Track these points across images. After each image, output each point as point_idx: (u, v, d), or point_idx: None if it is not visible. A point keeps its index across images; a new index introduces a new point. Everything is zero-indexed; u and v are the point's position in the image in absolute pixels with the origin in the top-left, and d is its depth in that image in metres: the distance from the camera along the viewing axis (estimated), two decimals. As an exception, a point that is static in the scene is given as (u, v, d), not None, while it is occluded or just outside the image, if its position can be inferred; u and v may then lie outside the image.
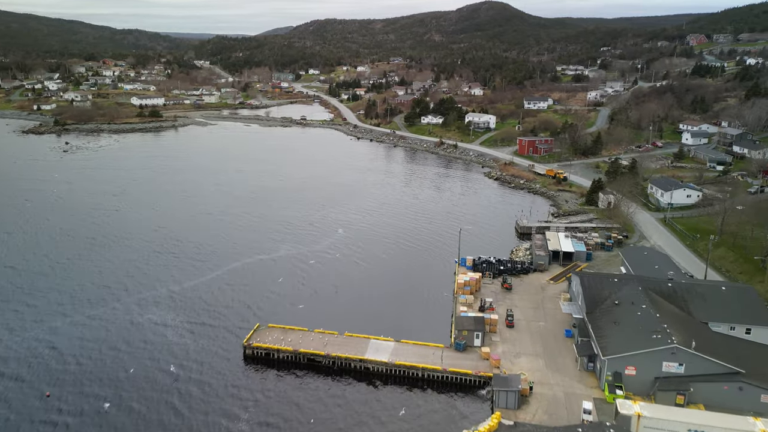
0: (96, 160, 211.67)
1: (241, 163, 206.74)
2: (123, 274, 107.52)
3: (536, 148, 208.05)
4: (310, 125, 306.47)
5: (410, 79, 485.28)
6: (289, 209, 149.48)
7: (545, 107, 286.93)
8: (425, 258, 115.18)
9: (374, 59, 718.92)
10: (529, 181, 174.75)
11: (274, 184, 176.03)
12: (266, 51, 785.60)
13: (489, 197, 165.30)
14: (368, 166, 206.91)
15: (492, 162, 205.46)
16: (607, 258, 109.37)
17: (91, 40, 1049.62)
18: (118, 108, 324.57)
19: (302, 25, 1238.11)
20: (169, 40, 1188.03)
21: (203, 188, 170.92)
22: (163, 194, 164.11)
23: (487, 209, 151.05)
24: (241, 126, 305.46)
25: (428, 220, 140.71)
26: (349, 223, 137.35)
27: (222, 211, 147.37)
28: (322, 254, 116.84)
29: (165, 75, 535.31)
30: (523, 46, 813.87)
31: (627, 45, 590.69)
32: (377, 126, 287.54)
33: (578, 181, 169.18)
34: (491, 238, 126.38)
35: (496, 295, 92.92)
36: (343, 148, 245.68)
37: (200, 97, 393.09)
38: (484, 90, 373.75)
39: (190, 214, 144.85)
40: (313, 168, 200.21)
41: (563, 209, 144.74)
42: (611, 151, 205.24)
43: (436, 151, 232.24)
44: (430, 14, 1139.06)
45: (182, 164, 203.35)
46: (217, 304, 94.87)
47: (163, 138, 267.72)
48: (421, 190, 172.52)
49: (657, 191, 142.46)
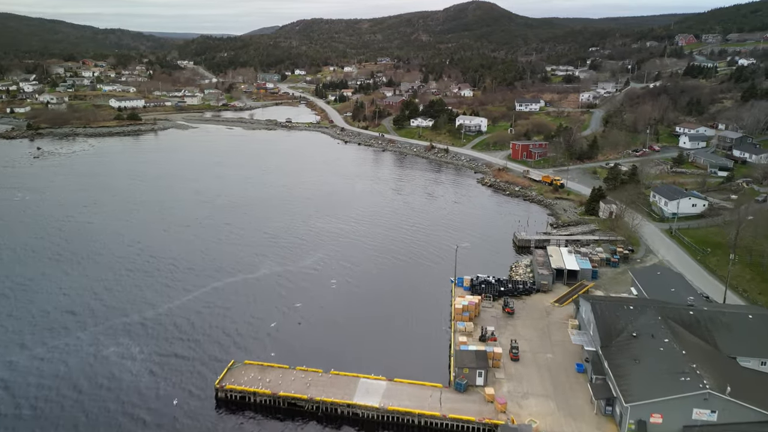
0: (68, 166, 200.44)
1: (223, 168, 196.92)
2: (91, 297, 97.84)
3: (530, 153, 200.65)
4: (296, 128, 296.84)
5: (398, 80, 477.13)
6: (274, 220, 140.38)
7: (537, 109, 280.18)
8: (419, 275, 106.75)
9: (361, 59, 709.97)
10: (525, 188, 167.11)
11: (257, 193, 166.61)
12: (251, 51, 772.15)
13: (483, 205, 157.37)
14: (357, 172, 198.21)
15: (485, 167, 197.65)
16: (613, 276, 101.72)
17: (72, 40, 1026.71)
18: (95, 110, 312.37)
19: (288, 24, 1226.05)
20: (153, 40, 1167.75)
21: (182, 197, 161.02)
22: (138, 204, 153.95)
23: (482, 219, 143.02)
24: (223, 129, 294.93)
25: (421, 230, 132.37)
26: (338, 235, 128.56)
27: (201, 223, 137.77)
28: (308, 272, 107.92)
29: (146, 76, 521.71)
30: (511, 46, 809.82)
31: (616, 45, 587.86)
32: (365, 129, 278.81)
33: (576, 188, 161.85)
34: (488, 252, 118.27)
35: (497, 321, 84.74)
36: (330, 152, 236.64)
37: (182, 98, 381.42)
38: (474, 91, 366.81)
39: (167, 227, 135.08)
40: (299, 174, 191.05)
41: (562, 219, 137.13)
42: (607, 155, 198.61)
43: (427, 155, 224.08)
44: (417, 14, 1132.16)
45: (160, 171, 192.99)
46: (192, 332, 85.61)
47: (141, 142, 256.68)
48: (413, 197, 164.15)
49: (660, 200, 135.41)
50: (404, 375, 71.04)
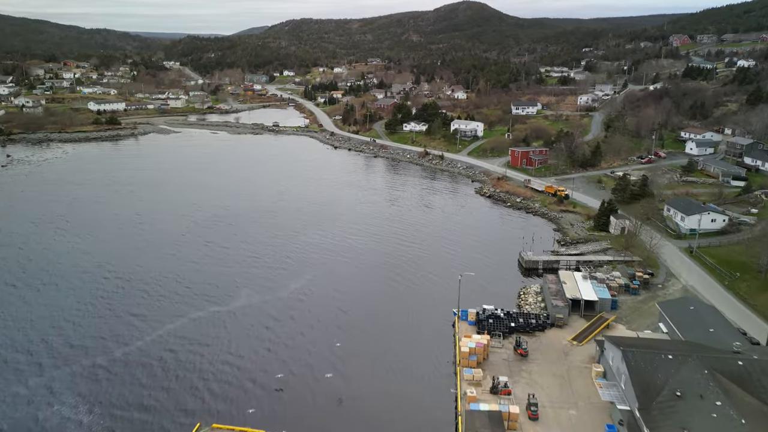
0: (38, 175, 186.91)
1: (205, 177, 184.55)
2: (39, 338, 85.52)
3: (530, 160, 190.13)
4: (284, 132, 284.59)
5: (389, 81, 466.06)
6: (258, 236, 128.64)
7: (534, 112, 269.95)
8: (417, 304, 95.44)
9: (351, 60, 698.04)
10: (527, 199, 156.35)
11: (241, 204, 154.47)
12: (239, 52, 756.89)
13: (483, 219, 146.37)
14: (348, 180, 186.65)
15: (482, 175, 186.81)
16: (635, 305, 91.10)
17: (56, 41, 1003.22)
18: (72, 114, 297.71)
19: (278, 24, 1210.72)
20: (140, 40, 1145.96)
21: (158, 210, 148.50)
22: (110, 219, 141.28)
23: (482, 235, 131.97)
24: (207, 134, 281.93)
25: (418, 248, 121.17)
26: (327, 252, 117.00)
27: (177, 241, 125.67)
28: (293, 303, 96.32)
29: (130, 77, 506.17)
30: (503, 46, 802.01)
31: (609, 46, 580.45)
32: (356, 133, 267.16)
33: (582, 199, 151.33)
34: (492, 275, 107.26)
35: (509, 366, 73.68)
36: (319, 158, 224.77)
37: (165, 101, 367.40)
38: (468, 93, 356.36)
39: (140, 246, 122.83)
40: (287, 182, 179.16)
41: (570, 236, 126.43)
42: (611, 162, 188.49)
43: (421, 162, 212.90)
44: (407, 14, 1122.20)
45: (137, 180, 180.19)
46: (154, 384, 73.68)
47: (119, 148, 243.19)
48: (408, 209, 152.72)
49: (676, 214, 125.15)
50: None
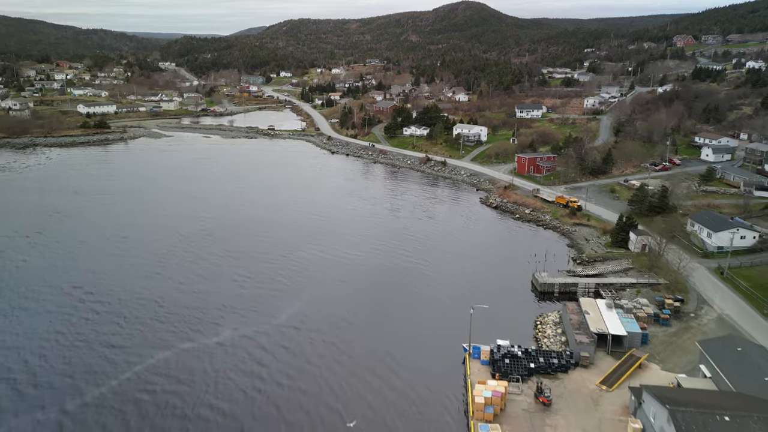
0: (18, 183, 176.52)
1: (194, 185, 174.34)
2: (3, 373, 75.56)
3: (538, 167, 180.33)
4: (279, 136, 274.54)
5: (388, 83, 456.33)
6: (250, 252, 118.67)
7: (539, 116, 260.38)
8: (423, 332, 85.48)
9: (350, 61, 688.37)
10: (536, 210, 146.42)
11: (232, 216, 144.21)
12: (236, 52, 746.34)
13: (491, 232, 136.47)
14: (346, 188, 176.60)
15: (488, 183, 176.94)
16: (667, 338, 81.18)
17: (52, 41, 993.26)
18: (60, 117, 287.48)
19: (275, 25, 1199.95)
20: (136, 41, 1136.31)
21: (143, 223, 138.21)
22: (90, 233, 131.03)
23: (490, 251, 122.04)
24: (200, 138, 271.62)
25: (421, 265, 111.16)
26: (324, 270, 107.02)
27: (161, 259, 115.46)
28: (287, 332, 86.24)
29: (124, 78, 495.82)
30: (503, 47, 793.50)
31: (611, 46, 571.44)
32: (354, 137, 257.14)
33: (595, 211, 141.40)
34: (503, 299, 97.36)
35: (530, 419, 63.71)
36: (316, 164, 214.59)
37: (158, 103, 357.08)
38: (469, 95, 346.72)
39: (121, 263, 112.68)
40: (282, 191, 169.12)
41: (587, 253, 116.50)
42: (622, 169, 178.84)
43: (422, 168, 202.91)
44: (406, 14, 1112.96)
45: (122, 188, 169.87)
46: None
47: (106, 154, 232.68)
48: (411, 221, 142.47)
49: (701, 230, 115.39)
50: None
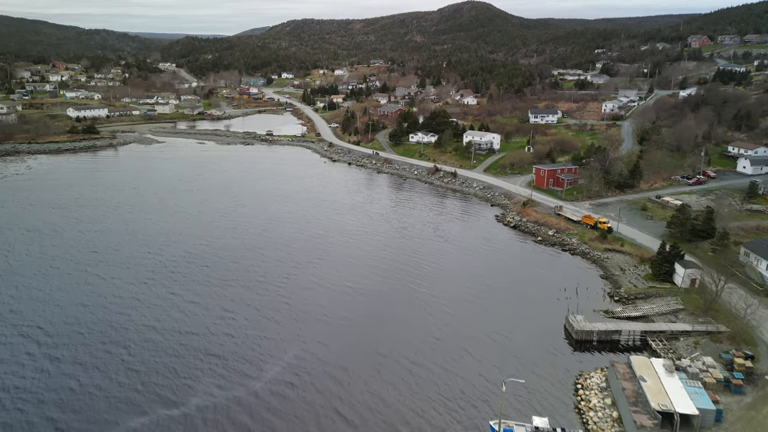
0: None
1: (182, 199, 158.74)
2: None
3: (558, 180, 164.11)
4: (278, 142, 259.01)
5: (393, 84, 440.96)
6: (237, 283, 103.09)
7: (554, 121, 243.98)
8: (438, 404, 69.54)
9: (353, 62, 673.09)
10: (561, 231, 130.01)
11: (220, 238, 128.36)
12: (237, 53, 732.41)
13: (511, 258, 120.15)
14: (349, 202, 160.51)
15: (503, 198, 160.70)
16: (743, 413, 64.85)
17: (53, 41, 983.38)
18: (47, 122, 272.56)
19: (279, 25, 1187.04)
20: (139, 41, 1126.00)
21: (121, 245, 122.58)
22: (62, 258, 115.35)
23: (512, 279, 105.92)
24: (193, 144, 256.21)
25: (435, 298, 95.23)
26: (322, 310, 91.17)
27: (136, 292, 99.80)
28: (273, 399, 70.25)
29: (121, 79, 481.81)
30: (510, 47, 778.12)
31: (623, 47, 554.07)
32: (357, 144, 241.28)
33: (628, 233, 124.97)
34: (532, 348, 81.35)
35: None
36: (316, 174, 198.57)
37: (153, 106, 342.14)
38: (478, 98, 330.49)
39: (91, 296, 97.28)
40: (278, 207, 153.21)
41: (625, 288, 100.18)
42: (651, 183, 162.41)
43: (431, 180, 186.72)
44: (410, 14, 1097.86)
45: (103, 203, 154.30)
46: None
47: (92, 162, 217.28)
48: (422, 242, 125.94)
49: (759, 261, 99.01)
50: None
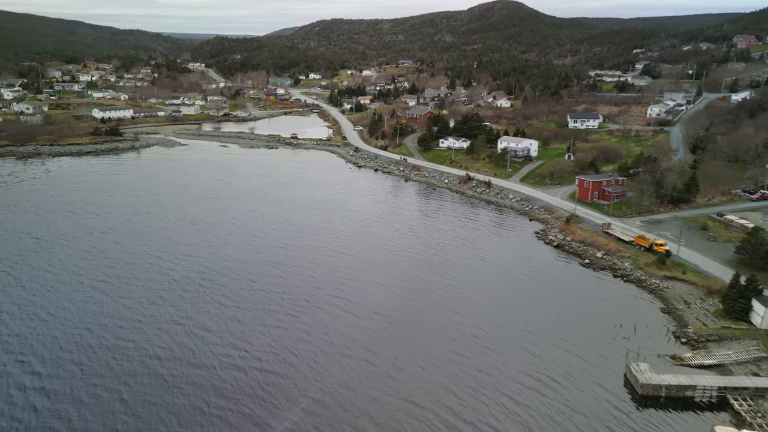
0: (5, 198, 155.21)
1: (201, 207, 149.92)
2: None
3: (604, 193, 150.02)
4: (302, 146, 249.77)
5: (422, 85, 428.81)
6: (252, 308, 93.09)
7: (596, 126, 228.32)
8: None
9: (381, 62, 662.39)
10: (611, 253, 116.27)
11: (237, 253, 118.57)
12: (265, 53, 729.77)
13: (556, 284, 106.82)
14: (375, 214, 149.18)
15: (543, 212, 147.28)
16: None
17: (89, 41, 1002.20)
18: (72, 123, 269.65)
19: (308, 25, 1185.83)
20: (171, 41, 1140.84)
21: (134, 259, 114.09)
22: (70, 272, 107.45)
23: (557, 312, 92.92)
24: (216, 147, 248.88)
25: (472, 331, 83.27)
26: (339, 356, 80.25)
27: (146, 315, 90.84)
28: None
29: (150, 79, 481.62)
30: (542, 47, 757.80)
31: (663, 47, 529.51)
32: (384, 149, 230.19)
33: (690, 258, 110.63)
34: (586, 405, 68.78)
35: None
36: (340, 181, 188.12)
37: (178, 107, 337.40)
38: (512, 101, 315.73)
39: (93, 322, 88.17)
40: (299, 217, 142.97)
41: (694, 329, 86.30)
42: (709, 198, 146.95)
43: (462, 189, 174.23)
44: (440, 14, 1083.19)
45: (118, 210, 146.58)
46: None
47: (112, 165, 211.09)
48: (456, 263, 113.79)
49: None
50: None
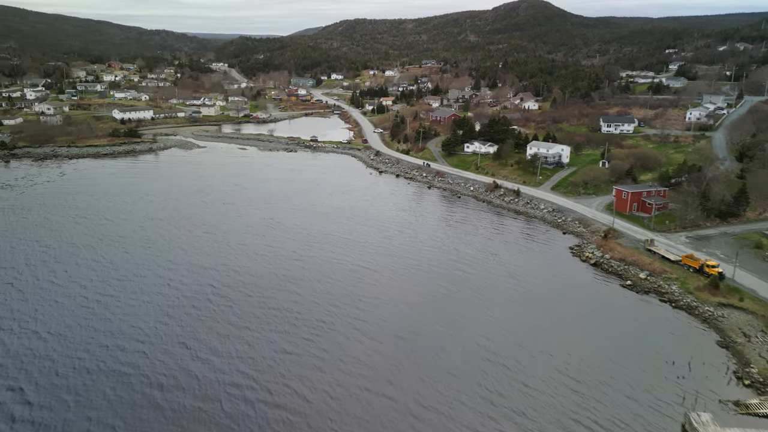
0: (16, 202, 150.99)
1: (214, 214, 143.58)
2: None
3: (644, 204, 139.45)
4: (322, 149, 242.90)
5: (445, 86, 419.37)
6: (266, 328, 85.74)
7: (631, 131, 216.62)
8: None
9: (404, 62, 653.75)
10: (655, 274, 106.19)
11: (251, 266, 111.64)
12: (288, 53, 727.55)
13: (595, 309, 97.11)
14: (395, 222, 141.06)
15: (578, 225, 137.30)
16: None
17: (116, 41, 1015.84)
18: (91, 124, 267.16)
19: (331, 25, 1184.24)
20: (197, 41, 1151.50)
21: (141, 272, 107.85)
22: (74, 286, 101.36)
23: (601, 344, 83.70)
24: (234, 149, 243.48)
25: (504, 375, 74.58)
26: (365, 375, 72.34)
27: (150, 337, 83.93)
28: None
29: (173, 79, 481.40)
30: (570, 47, 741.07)
31: (698, 47, 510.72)
32: (406, 153, 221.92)
33: (746, 282, 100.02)
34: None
35: None
36: (360, 187, 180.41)
37: (198, 108, 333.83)
38: (540, 103, 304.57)
39: (92, 345, 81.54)
40: (317, 227, 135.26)
41: (759, 369, 76.25)
42: (760, 211, 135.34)
43: (489, 198, 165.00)
44: (464, 13, 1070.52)
45: (134, 217, 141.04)
46: None
47: (127, 168, 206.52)
48: (486, 280, 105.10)
49: None
50: None
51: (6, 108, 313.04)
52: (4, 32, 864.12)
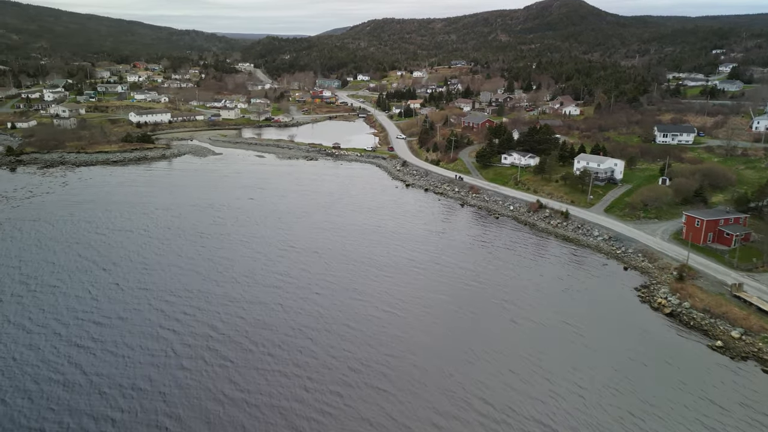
0: (11, 214, 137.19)
1: (226, 236, 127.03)
2: None
3: (722, 235, 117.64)
4: (344, 157, 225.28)
5: (476, 88, 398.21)
6: (261, 418, 68.02)
7: (690, 141, 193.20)
8: None
9: (433, 62, 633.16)
10: (752, 332, 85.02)
11: (261, 301, 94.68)
12: (314, 53, 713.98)
13: (680, 381, 76.34)
14: (424, 248, 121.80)
15: (641, 258, 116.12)
16: None
17: (146, 41, 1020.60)
18: (105, 128, 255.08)
19: (359, 25, 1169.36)
20: (225, 41, 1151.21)
21: (124, 317, 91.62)
22: (36, 340, 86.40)
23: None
24: (252, 157, 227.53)
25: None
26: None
27: (114, 428, 67.80)
28: None
29: (198, 80, 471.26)
30: (606, 47, 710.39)
31: (748, 47, 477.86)
32: (436, 164, 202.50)
33: None
34: None
35: None
36: (385, 203, 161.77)
37: (218, 111, 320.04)
38: (581, 107, 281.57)
39: (69, 400, 65.85)
40: (336, 252, 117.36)
41: None
42: None
43: (533, 220, 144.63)
44: (494, 12, 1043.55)
45: (136, 237, 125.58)
46: None
47: (136, 177, 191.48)
48: (536, 328, 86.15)
49: None
50: None
51: (23, 110, 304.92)
52: (37, 32, 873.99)
